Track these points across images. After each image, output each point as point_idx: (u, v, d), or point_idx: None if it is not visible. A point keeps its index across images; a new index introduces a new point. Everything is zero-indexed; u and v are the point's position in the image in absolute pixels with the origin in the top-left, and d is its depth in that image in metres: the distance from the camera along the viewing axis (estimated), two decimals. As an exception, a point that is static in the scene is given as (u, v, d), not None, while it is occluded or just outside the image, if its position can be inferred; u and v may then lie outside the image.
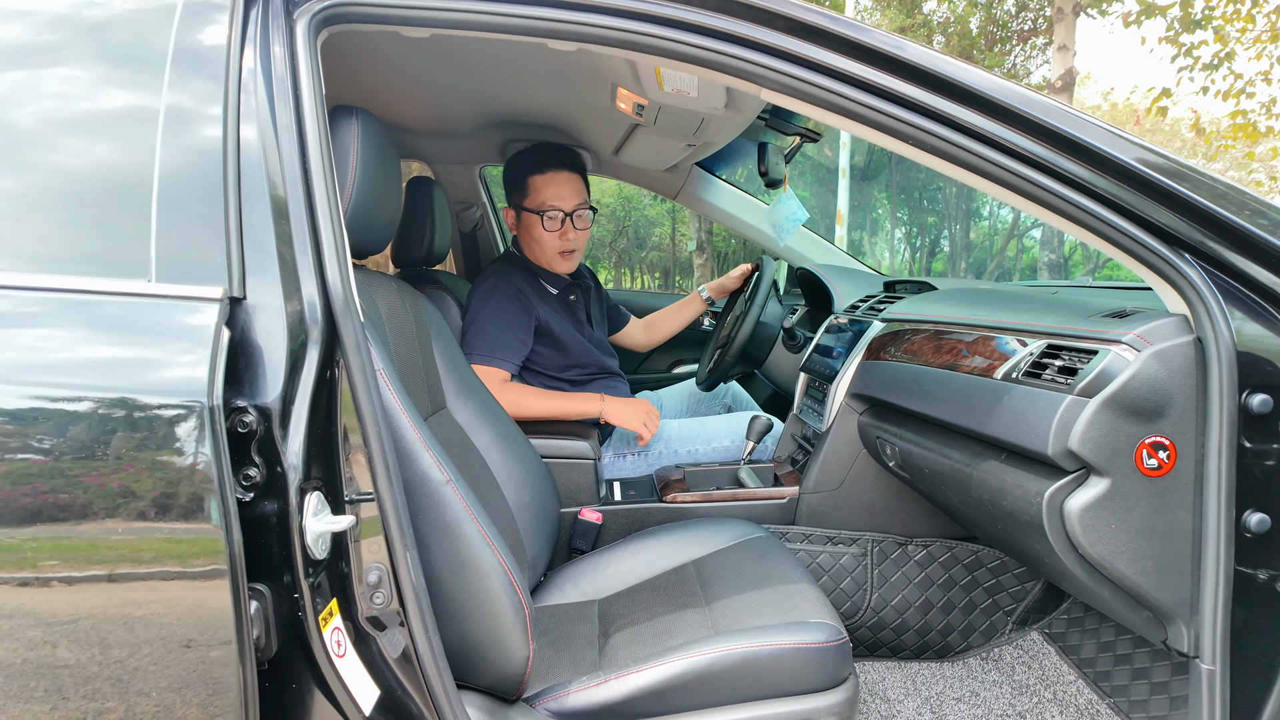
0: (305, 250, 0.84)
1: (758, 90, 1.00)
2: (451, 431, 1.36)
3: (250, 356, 0.79)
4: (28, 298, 0.76)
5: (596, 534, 1.59)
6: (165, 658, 0.75)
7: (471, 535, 1.01)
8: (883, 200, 17.04)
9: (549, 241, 1.83)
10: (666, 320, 2.33)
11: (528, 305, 1.79)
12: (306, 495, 0.80)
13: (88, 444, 0.72)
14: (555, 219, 1.80)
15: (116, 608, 0.73)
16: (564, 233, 1.82)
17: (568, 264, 1.89)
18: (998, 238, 17.81)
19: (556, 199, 1.80)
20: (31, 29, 0.86)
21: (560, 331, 1.85)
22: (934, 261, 16.93)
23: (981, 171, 0.95)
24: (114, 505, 0.73)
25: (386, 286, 1.26)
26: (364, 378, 0.85)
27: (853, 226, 14.42)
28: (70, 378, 0.73)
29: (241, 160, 0.84)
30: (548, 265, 1.88)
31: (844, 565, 1.59)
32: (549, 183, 1.80)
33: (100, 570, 0.73)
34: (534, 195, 1.81)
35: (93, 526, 0.72)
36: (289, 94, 0.88)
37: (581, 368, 1.88)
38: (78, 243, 0.81)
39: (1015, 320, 1.17)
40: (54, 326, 0.76)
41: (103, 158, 0.84)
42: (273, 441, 0.78)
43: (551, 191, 1.80)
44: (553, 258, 1.86)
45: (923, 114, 0.95)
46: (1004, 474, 1.06)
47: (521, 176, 1.83)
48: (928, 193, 17.37)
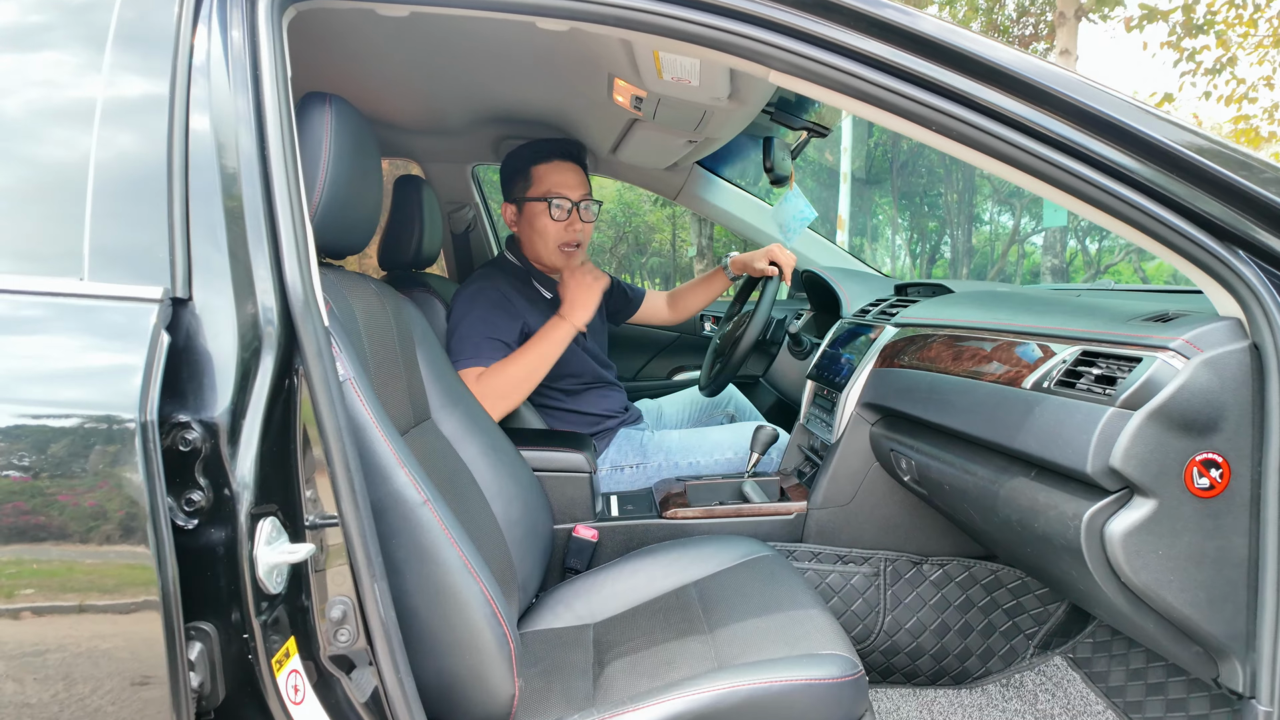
0: (261, 248, 0.75)
1: (765, 72, 0.92)
2: (435, 444, 1.27)
3: (195, 365, 0.70)
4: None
5: (592, 552, 1.50)
6: (99, 701, 0.65)
7: (451, 561, 0.92)
8: (884, 205, 17.01)
9: (553, 233, 1.73)
10: (692, 295, 2.21)
11: (514, 312, 1.69)
12: (259, 522, 0.70)
13: (2, 465, 0.63)
14: (563, 207, 1.71)
15: (46, 643, 0.64)
16: (570, 223, 1.73)
17: (572, 260, 1.78)
18: (999, 243, 17.76)
19: (563, 186, 1.71)
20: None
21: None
22: (934, 268, 16.87)
23: (1013, 160, 0.86)
24: (35, 534, 0.64)
25: (364, 289, 1.17)
26: (326, 387, 0.76)
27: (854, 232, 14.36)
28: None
29: (190, 150, 0.75)
30: (549, 261, 1.78)
31: (855, 586, 1.50)
32: (555, 170, 1.72)
33: (21, 604, 0.64)
34: (539, 184, 1.72)
35: (8, 555, 0.63)
36: (247, 78, 0.79)
37: (575, 377, 1.79)
38: (2, 237, 0.72)
39: (1044, 325, 1.08)
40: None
41: (35, 145, 0.75)
42: (219, 461, 0.69)
43: (558, 179, 1.71)
44: (555, 252, 1.76)
45: (947, 96, 0.86)
46: (1035, 493, 0.97)
47: (523, 167, 1.74)
48: (929, 198, 17.34)
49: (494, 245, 2.61)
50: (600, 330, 1.99)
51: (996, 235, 18.08)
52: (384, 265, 1.82)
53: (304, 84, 1.09)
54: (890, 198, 16.65)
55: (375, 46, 1.42)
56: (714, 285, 2.18)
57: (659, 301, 2.23)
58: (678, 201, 2.30)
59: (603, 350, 1.97)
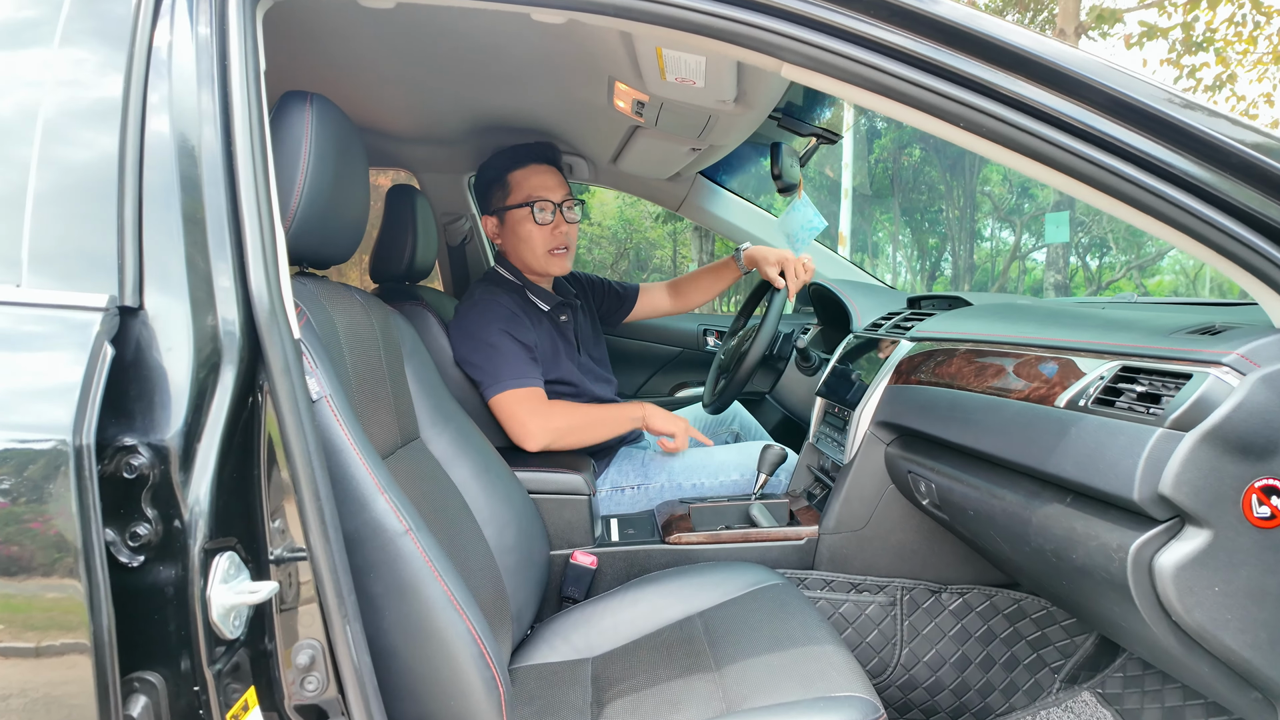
0: (224, 253, 0.68)
1: (777, 66, 0.85)
2: (424, 465, 1.19)
3: (145, 381, 0.63)
4: None
5: (591, 580, 1.41)
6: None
7: (434, 596, 0.84)
8: (885, 221, 17.02)
9: (539, 238, 1.66)
10: (699, 284, 2.11)
11: (525, 327, 1.63)
12: (215, 557, 0.63)
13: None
14: (546, 209, 1.64)
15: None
16: (555, 226, 1.66)
17: (562, 263, 1.71)
18: (999, 259, 17.76)
19: (544, 189, 1.65)
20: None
21: (551, 356, 1.69)
22: (935, 284, 16.84)
23: (1052, 160, 0.79)
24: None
25: (348, 300, 1.10)
26: (294, 406, 0.68)
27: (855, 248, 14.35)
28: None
29: (146, 148, 0.68)
30: (540, 268, 1.71)
31: (870, 616, 1.41)
32: (532, 174, 1.66)
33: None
34: (517, 190, 1.66)
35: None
36: (213, 73, 0.72)
37: (571, 389, 1.71)
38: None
39: (1077, 339, 1.01)
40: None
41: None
42: (170, 489, 0.61)
43: (536, 182, 1.65)
44: (545, 258, 1.68)
45: (975, 89, 0.79)
46: (1073, 521, 0.89)
47: (499, 176, 1.68)
48: (929, 214, 17.36)
49: (491, 258, 2.54)
50: (595, 342, 1.92)
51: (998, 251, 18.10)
52: (375, 277, 1.75)
53: (287, 88, 1.02)
54: (891, 214, 16.67)
55: (363, 49, 1.36)
56: (723, 276, 2.09)
57: (657, 293, 2.13)
58: (680, 213, 2.24)
59: (601, 364, 1.89)
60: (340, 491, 0.82)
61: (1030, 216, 16.32)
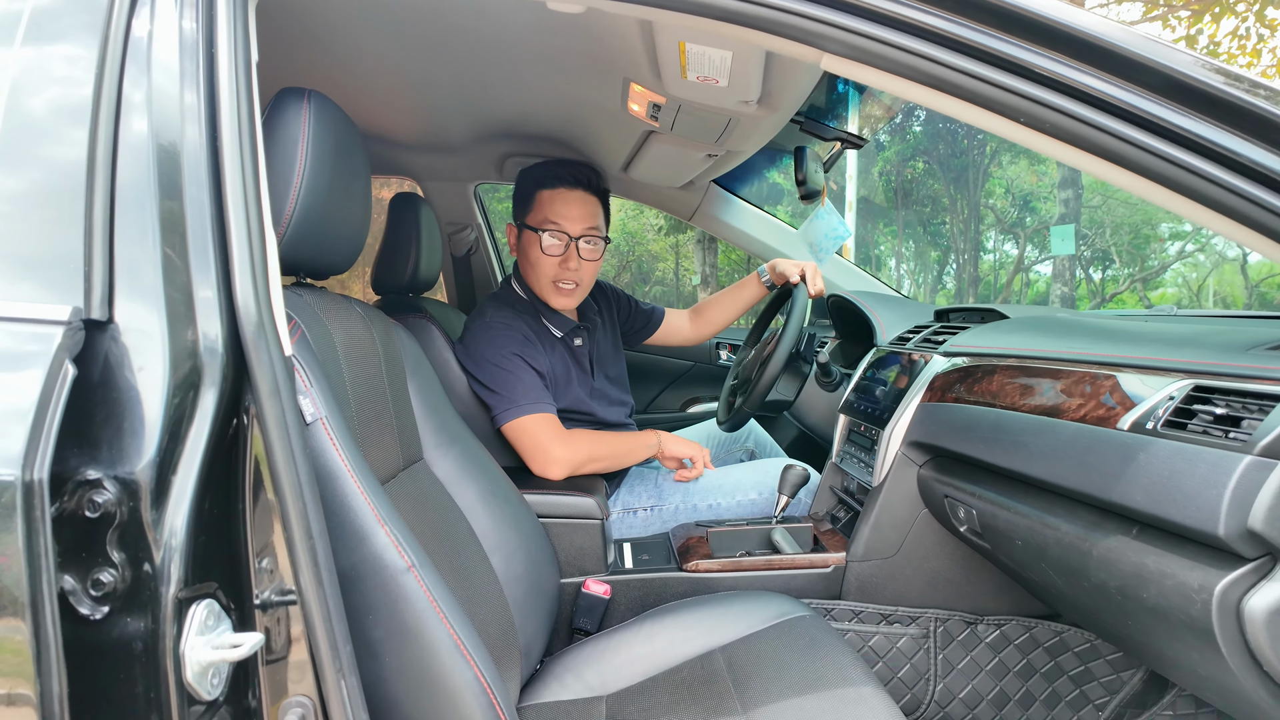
0: (206, 261, 0.61)
1: (817, 57, 0.78)
2: (428, 489, 1.11)
3: (113, 404, 0.55)
4: None
5: (604, 611, 1.33)
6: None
7: (439, 640, 0.75)
8: (888, 235, 17.00)
9: (546, 268, 1.56)
10: (721, 306, 2.00)
11: (535, 350, 1.54)
12: (191, 606, 0.55)
13: None
14: (557, 241, 1.54)
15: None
16: (565, 260, 1.55)
17: (565, 299, 1.60)
18: (1003, 272, 17.71)
19: (562, 217, 1.54)
20: None
21: (562, 383, 1.60)
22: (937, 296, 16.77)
23: (1128, 161, 0.71)
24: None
25: (347, 312, 1.02)
26: (283, 431, 0.60)
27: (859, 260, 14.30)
28: None
29: (120, 146, 0.61)
30: (543, 296, 1.61)
31: (902, 649, 1.32)
32: (558, 199, 1.54)
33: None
34: (538, 211, 1.56)
35: None
36: (198, 68, 0.65)
37: (583, 416, 1.63)
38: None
39: (1138, 355, 0.93)
40: None
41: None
42: (140, 529, 0.53)
43: (558, 209, 1.54)
44: (548, 288, 1.58)
45: (1039, 82, 0.72)
46: (1143, 556, 0.81)
47: (530, 189, 1.58)
48: (932, 226, 17.33)
49: (498, 270, 2.47)
50: (614, 360, 1.83)
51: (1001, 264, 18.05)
52: (378, 289, 1.68)
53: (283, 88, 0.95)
54: (895, 226, 16.64)
55: (366, 47, 1.29)
56: (745, 295, 1.96)
57: (679, 321, 2.04)
58: (692, 222, 2.17)
59: (618, 384, 1.80)
60: (336, 524, 0.74)
61: (1033, 229, 16.30)
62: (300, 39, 1.25)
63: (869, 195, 15.00)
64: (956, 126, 14.79)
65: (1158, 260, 16.66)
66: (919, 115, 14.82)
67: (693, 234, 13.51)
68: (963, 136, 14.92)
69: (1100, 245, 16.12)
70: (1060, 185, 11.03)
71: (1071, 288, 11.48)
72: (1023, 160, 15.59)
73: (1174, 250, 16.61)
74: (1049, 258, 16.30)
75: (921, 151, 15.45)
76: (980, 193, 15.53)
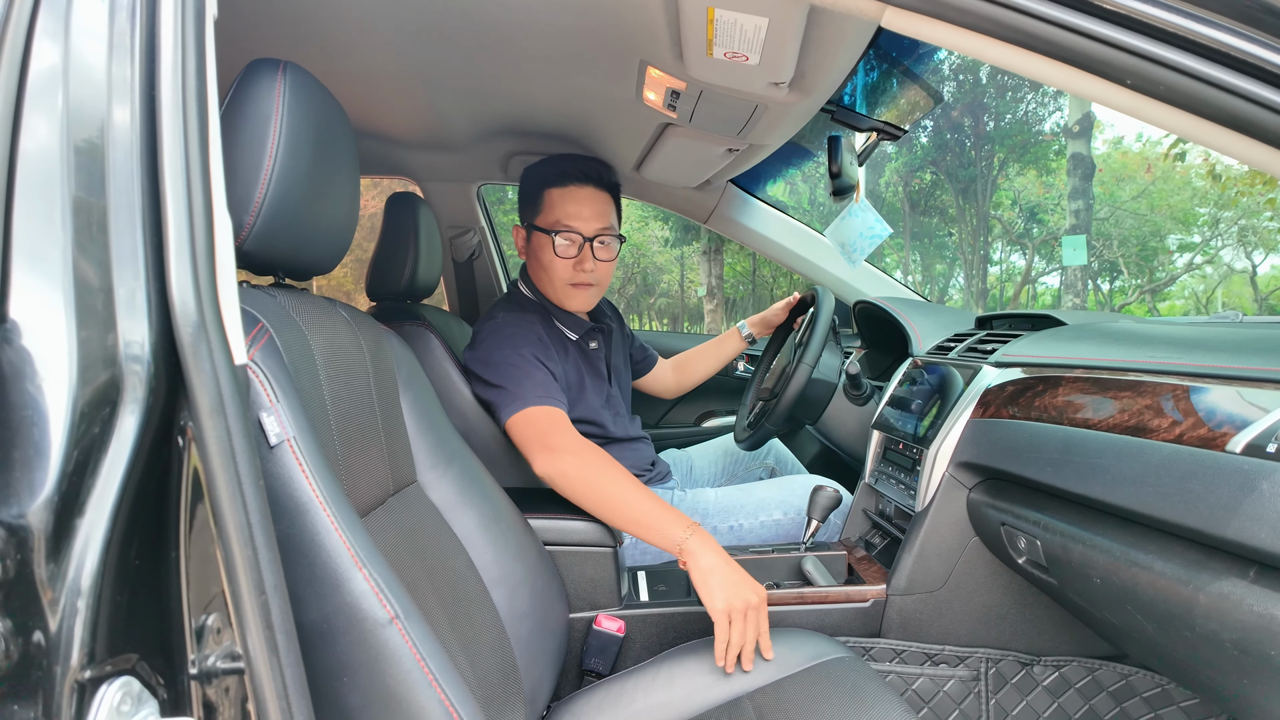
0: (133, 249, 0.49)
1: (879, 11, 0.66)
2: (421, 516, 0.99)
3: (2, 427, 0.42)
4: None
5: (618, 650, 1.19)
6: None
7: (429, 708, 0.63)
8: (894, 246, 16.91)
9: (559, 271, 1.46)
10: (700, 360, 1.95)
11: (550, 354, 1.41)
12: (100, 688, 0.42)
13: None
14: (570, 243, 1.44)
15: None
16: (580, 261, 1.46)
17: (580, 300, 1.51)
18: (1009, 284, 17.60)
19: (574, 218, 1.44)
20: None
21: (575, 389, 1.48)
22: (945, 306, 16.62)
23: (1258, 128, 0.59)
24: None
25: (331, 317, 0.90)
26: (227, 459, 0.48)
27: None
28: None
29: (23, 110, 0.49)
30: (557, 300, 1.52)
31: (949, 693, 1.19)
32: (568, 198, 1.44)
33: None
34: (548, 212, 1.46)
35: None
36: (132, 20, 0.53)
37: (597, 431, 1.51)
38: None
39: (1247, 366, 0.80)
40: None
41: None
42: (31, 587, 0.41)
43: (570, 209, 1.44)
44: (563, 290, 1.49)
45: (1167, 41, 0.59)
46: (1270, 605, 0.68)
47: (537, 188, 1.48)
48: (938, 238, 17.24)
49: (502, 275, 2.35)
50: (624, 373, 1.71)
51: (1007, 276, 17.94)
52: (373, 295, 1.56)
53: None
54: (901, 239, 16.55)
55: (357, 33, 1.17)
56: (726, 349, 1.94)
57: (665, 371, 1.96)
58: (708, 225, 2.04)
59: (627, 399, 1.68)
60: (304, 567, 0.62)
61: (1040, 240, 16.20)
62: (279, 21, 1.14)
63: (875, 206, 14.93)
64: (964, 137, 14.73)
65: (1165, 272, 16.53)
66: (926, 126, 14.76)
67: (698, 245, 13.43)
68: (970, 147, 14.85)
69: (1108, 256, 16.01)
70: (1070, 196, 10.92)
71: (1083, 299, 11.32)
72: (1031, 171, 15.52)
73: (1181, 262, 16.50)
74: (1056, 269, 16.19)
75: (929, 162, 15.38)
76: (988, 203, 15.45)
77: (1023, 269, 16.85)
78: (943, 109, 14.00)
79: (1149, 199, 15.72)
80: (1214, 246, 16.20)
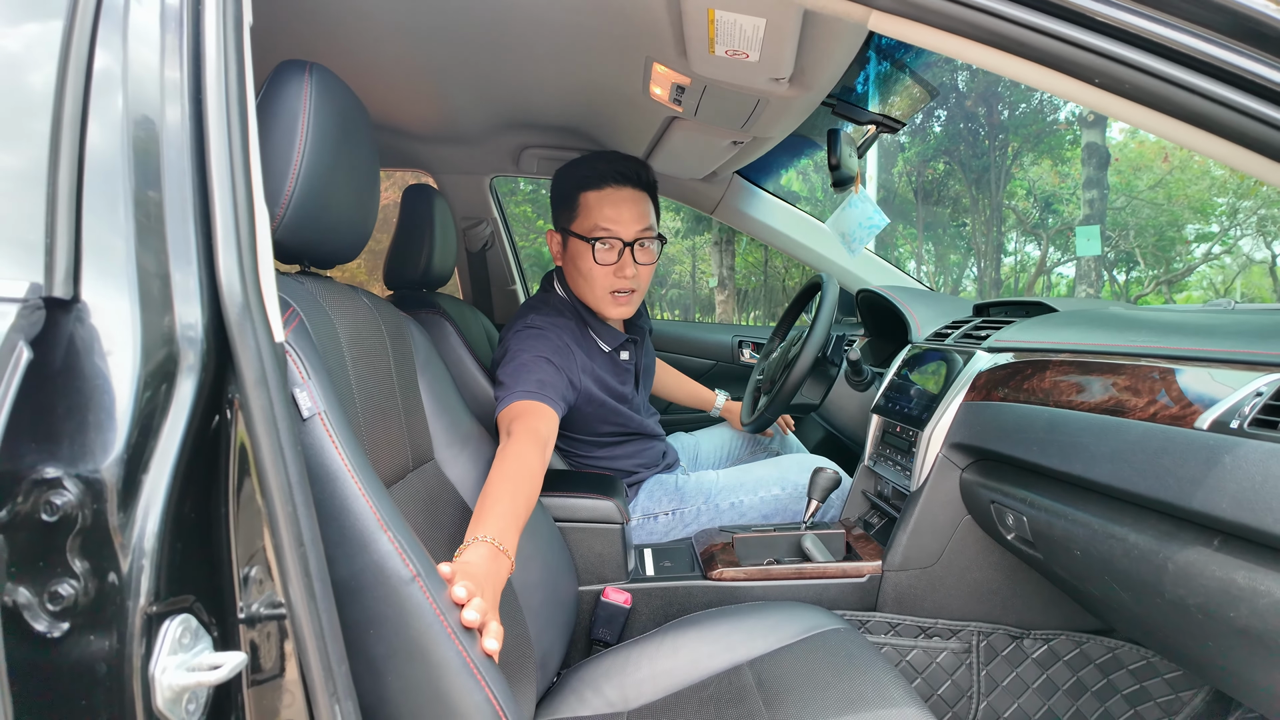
0: (186, 238, 0.54)
1: (865, 15, 0.70)
2: (438, 490, 1.05)
3: (77, 394, 0.48)
4: None
5: (624, 621, 1.26)
6: None
7: (446, 658, 0.69)
8: (907, 236, 16.81)
9: (599, 278, 1.41)
10: (675, 385, 2.03)
11: (573, 363, 1.38)
12: (164, 623, 0.48)
13: None
14: (611, 249, 1.39)
15: None
16: (621, 267, 1.41)
17: (622, 308, 1.46)
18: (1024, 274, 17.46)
19: (614, 222, 1.38)
20: None
21: (604, 396, 1.47)
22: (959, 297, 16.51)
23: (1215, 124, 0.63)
24: None
25: (354, 303, 0.96)
26: (270, 425, 0.54)
27: (878, 262, 14.11)
28: None
29: (90, 112, 0.55)
30: (596, 308, 1.47)
31: (942, 665, 1.24)
32: (606, 201, 1.39)
33: None
34: (585, 217, 1.40)
35: None
36: (180, 27, 0.59)
37: (618, 429, 1.54)
38: None
39: (1217, 348, 0.84)
40: None
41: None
42: (106, 534, 0.47)
43: (608, 213, 1.38)
44: (603, 299, 1.44)
45: (1117, 38, 0.64)
46: (1230, 571, 0.72)
47: (571, 192, 1.43)
48: (952, 228, 17.12)
49: (513, 265, 2.41)
50: (649, 377, 1.71)
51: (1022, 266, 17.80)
52: (390, 284, 1.62)
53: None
54: (914, 229, 16.45)
55: (375, 32, 1.23)
56: (697, 396, 2.03)
57: (661, 374, 2.01)
58: (715, 216, 2.09)
59: (647, 396, 1.72)
60: (334, 529, 0.68)
61: (1055, 231, 16.06)
62: (305, 20, 1.20)
63: (888, 197, 14.84)
64: (978, 126, 14.61)
65: (1183, 262, 16.34)
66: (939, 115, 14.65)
67: (709, 236, 13.44)
68: (984, 137, 14.73)
69: (1124, 247, 15.85)
70: (1085, 185, 10.83)
71: (1097, 289, 11.25)
72: (1045, 161, 15.37)
73: (1200, 252, 16.30)
74: (1071, 259, 16.06)
75: (942, 152, 15.27)
76: (1002, 193, 15.33)
77: (1037, 259, 16.71)
78: (956, 98, 13.88)
79: (1166, 188, 15.54)
80: (1233, 236, 15.99)
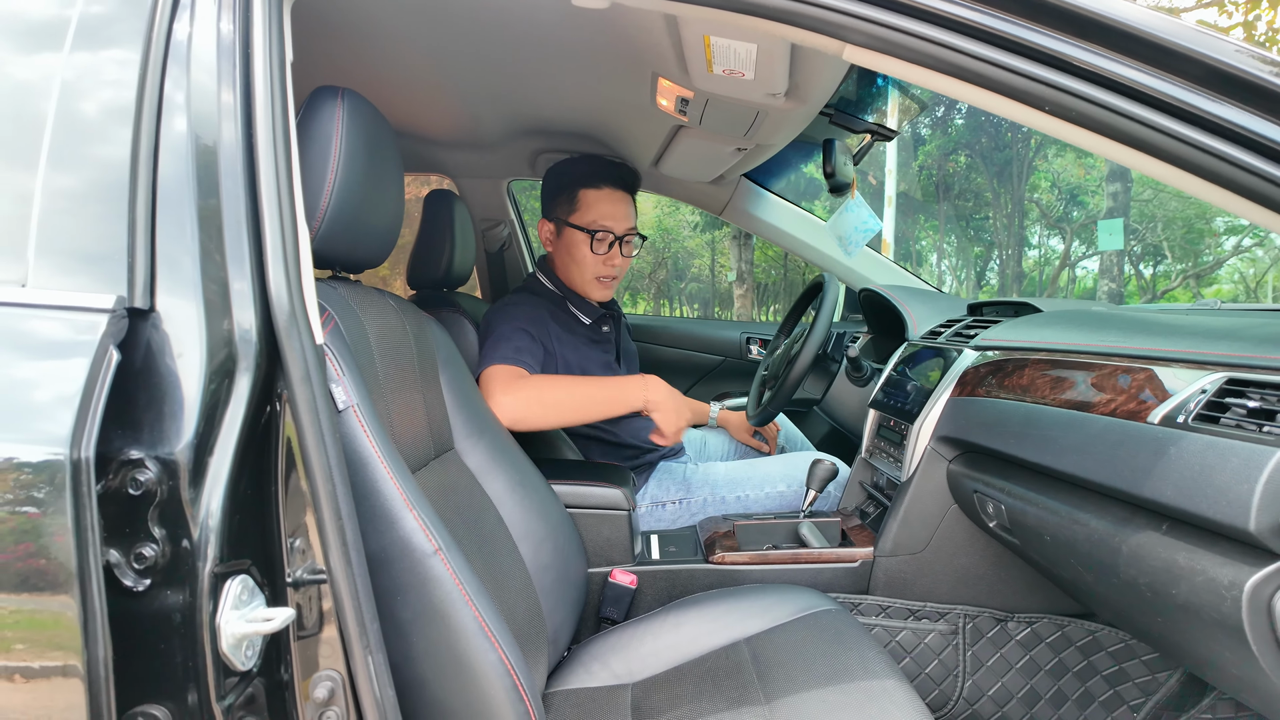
0: (241, 253, 0.63)
1: (839, 49, 0.78)
2: (458, 478, 1.14)
3: (155, 389, 0.58)
4: None
5: (630, 601, 1.34)
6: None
7: (464, 623, 0.78)
8: (929, 229, 16.70)
9: (591, 265, 1.63)
10: None
11: (548, 331, 1.56)
12: (227, 581, 0.57)
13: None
14: (605, 241, 1.61)
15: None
16: (610, 257, 1.63)
17: (605, 291, 1.68)
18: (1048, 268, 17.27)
19: (610, 219, 1.61)
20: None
21: (588, 370, 1.62)
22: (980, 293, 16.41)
23: (1150, 147, 0.70)
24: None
25: (381, 305, 1.05)
26: (314, 416, 0.63)
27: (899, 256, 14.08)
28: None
29: (161, 144, 0.64)
30: (582, 290, 1.68)
31: (930, 645, 1.31)
32: (604, 200, 1.61)
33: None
34: (585, 211, 1.61)
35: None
36: (235, 68, 0.68)
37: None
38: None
39: (1171, 348, 0.91)
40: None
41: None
42: (179, 506, 0.56)
43: (606, 210, 1.60)
44: (590, 283, 1.66)
45: (1062, 68, 0.71)
46: (1173, 552, 0.79)
47: (571, 187, 1.62)
48: (975, 221, 16.98)
49: (530, 264, 2.50)
50: (631, 357, 1.88)
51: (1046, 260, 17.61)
52: (413, 284, 1.72)
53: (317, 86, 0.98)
54: (936, 221, 16.34)
55: (397, 45, 1.32)
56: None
57: None
58: (723, 217, 2.17)
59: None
60: (366, 508, 0.77)
61: (1080, 224, 15.87)
62: (335, 39, 1.29)
63: (909, 190, 14.76)
64: (1001, 119, 14.47)
65: (1212, 255, 16.07)
66: (961, 109, 14.53)
67: (729, 230, 13.48)
68: (1007, 129, 14.59)
69: (1151, 240, 15.62)
70: (1108, 179, 10.73)
71: (1120, 284, 11.16)
72: (1069, 154, 15.19)
73: (1230, 245, 16.02)
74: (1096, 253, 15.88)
75: (964, 145, 15.15)
76: (1025, 187, 15.18)
77: (1061, 253, 16.54)
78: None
79: (1194, 180, 15.22)
80: (1264, 228, 15.66)
